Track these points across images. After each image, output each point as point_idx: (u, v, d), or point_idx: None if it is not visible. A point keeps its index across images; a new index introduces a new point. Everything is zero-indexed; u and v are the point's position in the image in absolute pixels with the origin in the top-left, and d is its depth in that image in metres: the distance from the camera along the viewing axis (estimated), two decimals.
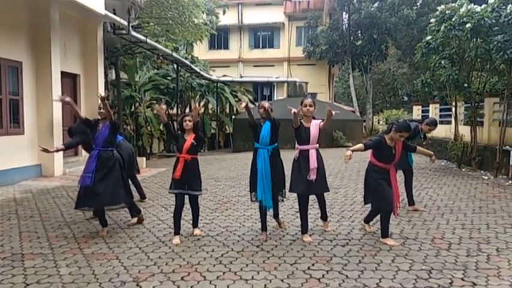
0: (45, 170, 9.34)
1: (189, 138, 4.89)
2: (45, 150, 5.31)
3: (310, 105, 4.81)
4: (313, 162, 4.72)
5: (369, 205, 5.17)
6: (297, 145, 4.89)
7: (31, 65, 9.15)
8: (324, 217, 5.25)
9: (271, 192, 4.85)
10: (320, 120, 4.85)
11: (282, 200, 5.23)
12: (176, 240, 4.75)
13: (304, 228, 4.89)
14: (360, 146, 4.73)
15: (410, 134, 5.33)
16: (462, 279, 3.67)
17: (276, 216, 5.30)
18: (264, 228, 4.96)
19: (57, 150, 5.70)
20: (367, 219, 5.23)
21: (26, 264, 4.09)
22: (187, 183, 4.85)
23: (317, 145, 4.84)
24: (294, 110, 4.60)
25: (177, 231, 4.86)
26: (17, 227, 5.43)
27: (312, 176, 4.71)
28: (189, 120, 4.90)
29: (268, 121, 4.83)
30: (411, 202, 6.33)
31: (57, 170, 9.41)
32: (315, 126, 4.81)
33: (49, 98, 9.28)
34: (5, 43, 8.42)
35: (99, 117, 5.24)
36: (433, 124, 6.73)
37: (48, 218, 5.92)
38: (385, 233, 4.72)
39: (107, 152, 5.09)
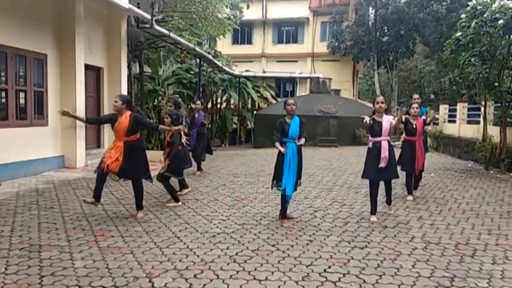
0: (68, 161, 9.49)
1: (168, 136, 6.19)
2: (66, 113, 5.73)
3: (382, 103, 5.57)
4: (384, 152, 5.43)
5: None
6: (370, 137, 5.67)
7: (56, 58, 9.27)
8: (389, 201, 5.95)
9: (294, 182, 5.28)
10: (392, 117, 5.67)
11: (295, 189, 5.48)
12: None
13: (373, 211, 5.55)
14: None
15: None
16: None
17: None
18: (284, 216, 5.36)
19: (77, 118, 6.20)
20: (410, 190, 6.81)
21: (43, 255, 4.12)
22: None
23: (388, 137, 5.54)
24: (366, 119, 5.54)
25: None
26: (36, 217, 5.51)
27: (382, 164, 5.42)
28: (166, 118, 6.13)
29: (297, 117, 5.30)
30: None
31: (79, 162, 9.54)
32: (387, 121, 5.54)
33: (73, 90, 9.40)
34: (31, 35, 8.55)
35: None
36: None
37: (67, 209, 5.98)
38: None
39: (202, 129, 8.95)
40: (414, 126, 6.83)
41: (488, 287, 3.53)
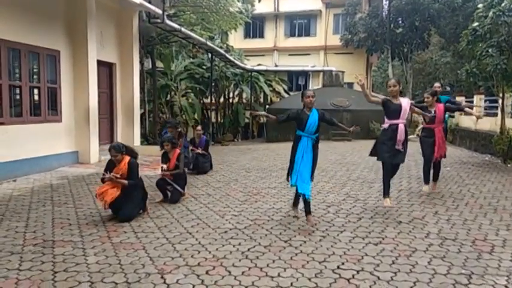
0: (82, 157, 9.57)
1: (173, 158, 6.16)
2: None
3: (394, 86, 5.34)
4: (400, 135, 5.28)
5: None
6: (386, 119, 5.44)
7: (68, 54, 9.32)
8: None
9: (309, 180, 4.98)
10: (411, 102, 5.55)
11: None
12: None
13: (386, 193, 5.42)
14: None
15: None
16: (506, 286, 3.39)
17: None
18: (296, 204, 5.39)
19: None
20: (427, 179, 6.70)
21: (56, 251, 4.15)
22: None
23: (405, 120, 5.36)
24: (359, 79, 5.12)
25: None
26: (50, 213, 5.55)
27: (398, 147, 5.29)
28: (166, 145, 6.14)
29: (315, 110, 5.02)
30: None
31: (93, 157, 9.62)
32: (406, 103, 5.33)
33: (86, 86, 9.46)
34: (44, 32, 8.61)
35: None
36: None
37: (81, 204, 6.02)
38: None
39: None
40: (434, 113, 6.47)
41: (507, 284, 3.42)
